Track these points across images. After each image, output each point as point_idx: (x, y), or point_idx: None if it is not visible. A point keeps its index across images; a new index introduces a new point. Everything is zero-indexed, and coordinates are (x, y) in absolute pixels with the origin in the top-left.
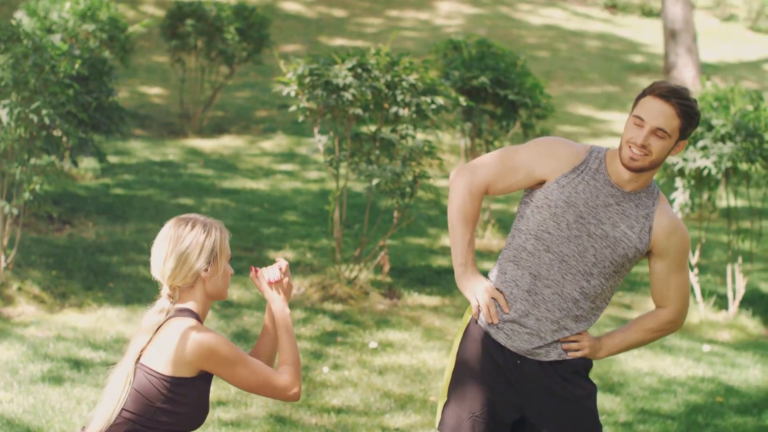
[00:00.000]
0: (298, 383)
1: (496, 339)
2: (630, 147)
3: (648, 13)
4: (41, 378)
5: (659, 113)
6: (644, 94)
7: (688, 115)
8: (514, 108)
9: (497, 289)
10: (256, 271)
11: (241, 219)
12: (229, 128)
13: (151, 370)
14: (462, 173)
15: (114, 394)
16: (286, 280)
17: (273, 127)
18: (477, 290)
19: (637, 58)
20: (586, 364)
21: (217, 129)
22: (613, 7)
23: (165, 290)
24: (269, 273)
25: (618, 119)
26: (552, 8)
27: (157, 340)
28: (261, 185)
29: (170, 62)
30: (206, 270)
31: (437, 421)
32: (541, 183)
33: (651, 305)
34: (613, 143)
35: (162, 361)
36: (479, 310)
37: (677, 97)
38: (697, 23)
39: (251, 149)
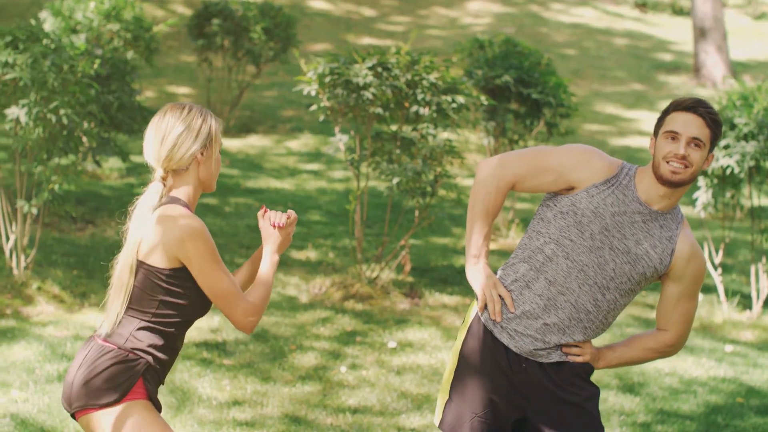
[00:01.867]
0: (257, 317)
1: (499, 338)
2: (669, 162)
3: (678, 11)
4: (57, 378)
5: (691, 124)
6: (668, 111)
7: (717, 123)
8: (538, 107)
9: (506, 288)
10: (266, 211)
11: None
12: (256, 128)
13: (150, 266)
14: (491, 165)
15: (119, 292)
16: (289, 230)
17: (300, 126)
18: (486, 284)
19: (667, 57)
20: (587, 367)
21: (244, 128)
22: (643, 6)
23: (159, 173)
24: (276, 217)
25: (646, 118)
26: (583, 7)
27: (150, 232)
28: (286, 185)
29: (197, 62)
30: (202, 153)
31: (437, 419)
32: (569, 189)
33: None
34: (639, 142)
35: (157, 255)
36: (485, 305)
37: (704, 107)
38: (728, 21)
39: (277, 149)
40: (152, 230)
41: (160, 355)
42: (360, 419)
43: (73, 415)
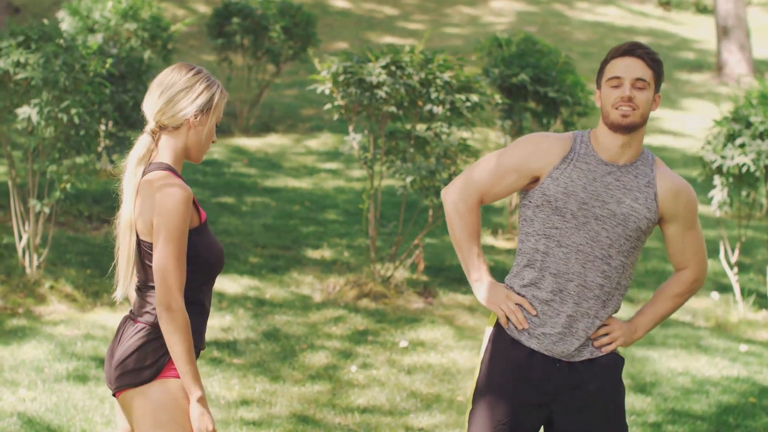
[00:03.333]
0: (169, 317)
1: (528, 345)
2: (617, 107)
3: (702, 9)
4: (66, 377)
5: (632, 66)
6: (607, 60)
7: (657, 62)
8: (556, 105)
9: (519, 293)
10: None
11: (280, 217)
12: (276, 127)
13: (148, 243)
14: (455, 188)
15: (124, 252)
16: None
17: (319, 125)
18: (499, 300)
19: (689, 55)
20: (617, 361)
21: (263, 128)
22: (667, 4)
23: (150, 126)
24: None
25: (667, 116)
26: (607, 6)
27: (140, 203)
28: (303, 184)
29: (217, 61)
30: (196, 117)
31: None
32: (535, 181)
33: (691, 304)
34: (661, 140)
35: (149, 231)
36: (508, 319)
37: (641, 49)
38: (750, 20)
39: (297, 148)
40: (144, 206)
41: (192, 326)
42: (368, 419)
43: (114, 395)
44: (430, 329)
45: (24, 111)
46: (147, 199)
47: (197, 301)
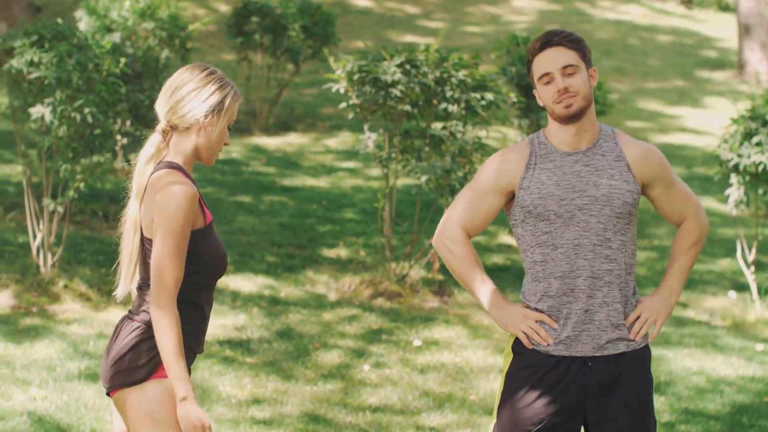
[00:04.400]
0: (158, 314)
1: (554, 354)
2: (558, 102)
3: (725, 7)
4: (77, 376)
5: (553, 58)
6: (530, 60)
7: (575, 41)
8: None
9: (537, 309)
10: None
11: (297, 216)
12: (296, 126)
13: (150, 240)
14: (437, 236)
15: (127, 251)
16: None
17: (339, 124)
18: (517, 321)
19: (711, 54)
20: (647, 356)
21: (283, 127)
22: (689, 2)
23: (161, 125)
24: None
25: (688, 114)
26: (629, 4)
27: (146, 201)
28: (322, 183)
29: (237, 60)
30: (206, 118)
31: None
32: (512, 198)
33: (708, 303)
34: (681, 139)
35: (152, 229)
36: (529, 339)
37: (555, 36)
38: None
39: (316, 147)
40: (150, 205)
41: (186, 326)
42: (379, 418)
43: (108, 395)
44: (445, 328)
45: (37, 110)
46: (152, 197)
47: (196, 304)
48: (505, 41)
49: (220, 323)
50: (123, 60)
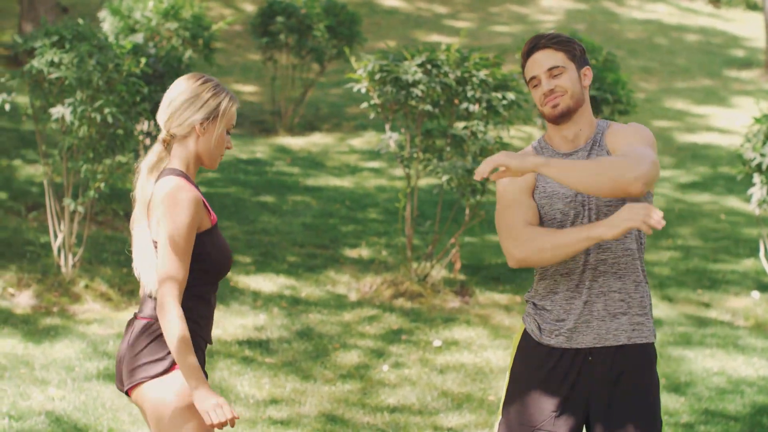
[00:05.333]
0: (162, 304)
1: (557, 346)
2: (545, 104)
3: (753, 6)
4: (96, 376)
5: (540, 61)
6: (522, 65)
7: (562, 42)
8: (596, 103)
9: (543, 306)
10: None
11: (320, 216)
12: (321, 126)
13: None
14: (512, 247)
15: (139, 253)
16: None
17: (364, 124)
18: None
19: (738, 53)
20: (650, 352)
21: (308, 126)
22: (716, 1)
23: (162, 135)
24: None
25: (715, 113)
26: (657, 3)
27: (153, 209)
28: (345, 183)
29: (262, 60)
30: (202, 125)
31: None
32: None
33: (731, 303)
34: (707, 138)
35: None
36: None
37: (542, 39)
38: None
39: (340, 146)
40: (156, 211)
41: (195, 320)
42: (397, 418)
43: (127, 393)
44: (465, 328)
45: (57, 110)
46: (157, 204)
47: (203, 298)
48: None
49: (240, 323)
50: (143, 60)
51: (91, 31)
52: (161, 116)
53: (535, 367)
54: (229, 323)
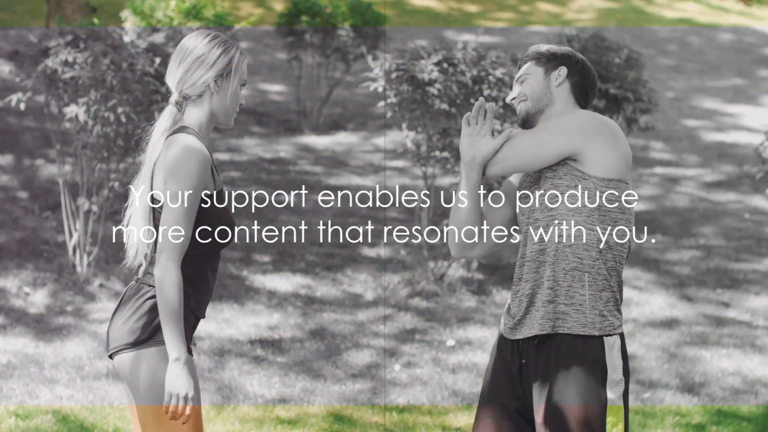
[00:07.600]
0: (161, 274)
1: (507, 337)
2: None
3: None
4: (105, 375)
5: (518, 73)
6: None
7: (531, 53)
8: (618, 102)
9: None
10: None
11: (340, 215)
12: (346, 125)
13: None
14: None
15: (137, 218)
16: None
17: (389, 123)
18: None
19: None
20: (577, 344)
21: (334, 126)
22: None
23: (173, 97)
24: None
25: (745, 113)
26: (687, 1)
27: (159, 167)
28: (368, 182)
29: (288, 59)
30: (215, 82)
31: None
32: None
33: (751, 303)
34: (735, 137)
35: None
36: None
37: (523, 56)
38: None
39: (365, 146)
40: (163, 169)
41: (188, 289)
42: (406, 418)
43: (111, 357)
44: (480, 328)
45: (71, 110)
46: (164, 157)
47: (200, 269)
48: (554, 40)
49: (254, 322)
50: (158, 60)
51: (106, 30)
52: (171, 78)
53: (494, 359)
54: (242, 322)
